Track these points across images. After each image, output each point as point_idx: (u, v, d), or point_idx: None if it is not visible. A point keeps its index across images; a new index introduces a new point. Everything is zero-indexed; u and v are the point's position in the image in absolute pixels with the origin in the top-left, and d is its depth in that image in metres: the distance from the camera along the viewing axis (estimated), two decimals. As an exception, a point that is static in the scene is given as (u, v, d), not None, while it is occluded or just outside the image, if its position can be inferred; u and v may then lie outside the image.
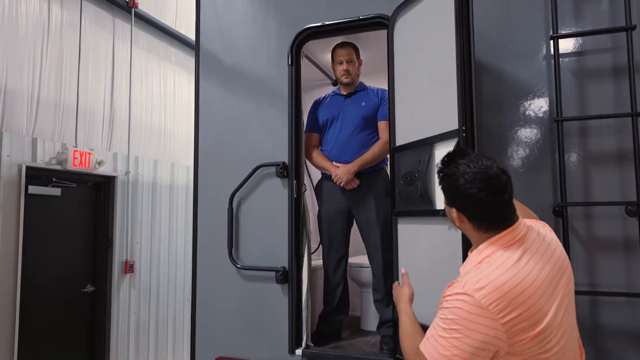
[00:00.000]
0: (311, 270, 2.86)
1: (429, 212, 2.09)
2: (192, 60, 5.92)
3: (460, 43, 1.99)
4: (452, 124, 2.01)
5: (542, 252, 1.46)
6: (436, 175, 1.57)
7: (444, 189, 1.55)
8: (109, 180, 4.59)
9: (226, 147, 2.96)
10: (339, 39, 3.20)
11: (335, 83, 3.99)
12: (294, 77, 2.83)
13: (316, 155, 3.10)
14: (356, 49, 3.11)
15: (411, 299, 1.75)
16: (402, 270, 1.87)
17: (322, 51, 3.70)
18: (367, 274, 3.19)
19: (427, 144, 2.15)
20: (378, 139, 3.00)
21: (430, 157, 2.11)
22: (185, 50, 5.88)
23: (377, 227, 2.89)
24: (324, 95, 3.25)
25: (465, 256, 1.83)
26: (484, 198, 1.42)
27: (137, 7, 5.04)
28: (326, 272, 3.04)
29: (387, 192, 2.88)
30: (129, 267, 4.62)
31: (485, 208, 1.44)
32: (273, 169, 2.80)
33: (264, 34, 2.96)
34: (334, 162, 3.01)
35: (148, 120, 5.30)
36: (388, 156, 2.75)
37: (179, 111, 5.74)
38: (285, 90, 2.84)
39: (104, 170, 4.47)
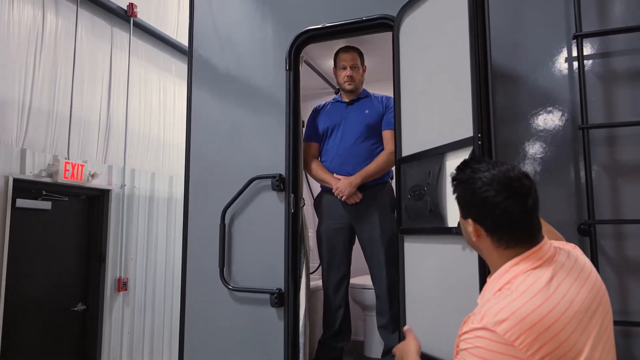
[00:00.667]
0: (310, 292, 2.63)
1: (439, 229, 1.86)
2: (193, 71, 5.71)
3: (475, 40, 1.78)
4: (466, 131, 1.79)
5: (574, 276, 1.22)
6: (448, 187, 1.35)
7: (458, 198, 1.33)
8: (103, 194, 4.40)
9: (219, 158, 2.76)
10: (340, 43, 3.00)
11: (338, 91, 3.80)
12: (292, 83, 2.63)
13: (315, 166, 2.88)
14: (361, 54, 2.92)
15: (419, 352, 1.50)
16: (405, 327, 1.63)
17: (323, 56, 3.51)
18: (370, 296, 2.96)
19: (438, 154, 1.93)
20: (382, 149, 2.78)
21: (441, 168, 1.89)
22: (185, 60, 5.72)
23: (382, 245, 2.66)
24: (324, 103, 3.05)
25: (483, 282, 1.59)
26: (503, 203, 1.20)
27: (136, 16, 4.90)
28: (326, 293, 2.81)
29: (392, 207, 2.66)
30: (122, 285, 4.40)
31: (506, 216, 1.22)
32: (269, 182, 2.59)
33: (261, 38, 2.77)
34: (334, 174, 2.79)
35: (146, 132, 5.12)
36: (393, 168, 2.54)
37: (179, 123, 5.56)
38: (283, 98, 2.64)
39: (98, 183, 4.28)
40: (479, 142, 1.71)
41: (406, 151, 2.19)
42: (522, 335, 1.08)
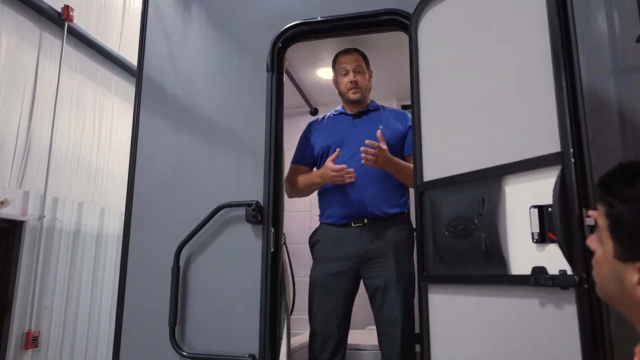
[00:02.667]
0: (292, 358, 2.01)
1: (504, 278, 1.34)
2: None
3: (561, 34, 1.34)
4: (542, 146, 1.32)
5: None
6: (511, 221, 0.86)
7: (618, 228, 0.83)
8: (14, 226, 3.57)
9: (174, 184, 2.14)
10: (331, 48, 2.51)
11: (315, 112, 3.29)
12: (274, 87, 2.09)
13: (301, 177, 2.32)
14: (364, 57, 2.41)
15: None
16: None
17: (301, 64, 2.98)
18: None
19: (489, 177, 1.43)
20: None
21: (500, 194, 1.39)
22: (128, 78, 5.06)
23: (399, 294, 2.08)
24: (320, 117, 2.49)
25: (593, 354, 1.07)
26: None
27: (71, 20, 4.21)
28: None
29: (411, 246, 2.12)
30: (31, 341, 3.52)
31: None
32: (241, 211, 2.00)
33: (235, 31, 2.23)
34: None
35: (75, 156, 4.35)
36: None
37: (116, 147, 4.83)
38: (260, 108, 2.09)
39: (9, 212, 3.46)
40: (572, 160, 1.23)
41: (432, 175, 1.68)
42: None
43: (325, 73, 3.06)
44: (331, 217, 2.24)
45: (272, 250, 1.94)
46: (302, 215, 3.48)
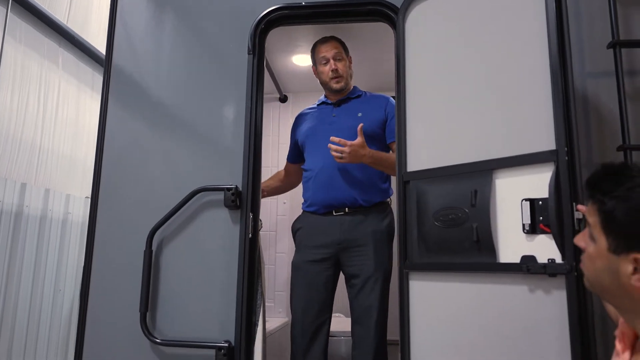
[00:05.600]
0: (266, 345, 1.99)
1: (494, 266, 1.39)
2: (84, 67, 4.77)
3: (557, 30, 1.39)
4: (536, 143, 1.38)
5: None
6: (500, 212, 0.97)
7: (611, 223, 0.90)
8: (-51, 206, 3.30)
9: (147, 170, 2.06)
10: (310, 35, 2.49)
11: (284, 99, 3.25)
12: (255, 71, 2.05)
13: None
14: (343, 44, 2.39)
15: None
16: None
17: (277, 50, 2.93)
18: (341, 346, 2.38)
19: (482, 170, 1.48)
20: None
21: (492, 187, 1.44)
22: (77, 54, 4.78)
23: (377, 283, 2.12)
24: (306, 109, 2.47)
25: (585, 342, 1.14)
26: None
27: (17, -14, 3.92)
28: (296, 348, 2.17)
29: (391, 236, 2.15)
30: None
31: None
32: (219, 196, 1.95)
33: (214, 16, 2.16)
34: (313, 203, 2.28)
35: (18, 134, 4.06)
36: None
37: (62, 125, 4.56)
38: (238, 92, 2.05)
39: (-57, 191, 3.20)
40: (566, 157, 1.29)
41: (417, 165, 1.71)
42: None
43: (300, 60, 3.03)
44: (313, 205, 2.24)
45: (250, 235, 1.91)
46: (269, 201, 3.44)
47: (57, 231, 4.26)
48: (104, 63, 2.24)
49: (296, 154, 2.41)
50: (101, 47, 4.91)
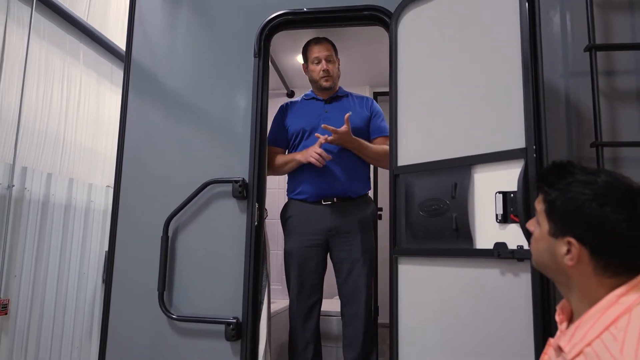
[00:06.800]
0: (270, 322, 2.19)
1: (471, 251, 1.57)
2: (104, 61, 4.97)
3: (530, 38, 1.54)
4: (508, 141, 1.54)
5: None
6: (478, 203, 1.10)
7: (552, 211, 1.05)
8: (-17, 195, 3.55)
9: (163, 163, 2.26)
10: (309, 36, 2.65)
11: (291, 94, 3.43)
12: (260, 72, 2.22)
13: (279, 157, 2.50)
14: (334, 46, 2.57)
15: None
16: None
17: (283, 50, 3.11)
18: (332, 325, 2.59)
19: (461, 166, 1.65)
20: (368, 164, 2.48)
21: (470, 181, 1.60)
22: (97, 48, 4.99)
23: (364, 266, 2.32)
24: (291, 100, 2.65)
25: (546, 318, 1.31)
26: (625, 222, 0.96)
27: (40, -13, 4.13)
28: (293, 326, 2.38)
29: (374, 223, 2.34)
30: (1, 308, 3.55)
31: (626, 238, 0.97)
32: (227, 187, 2.14)
33: (225, 20, 2.33)
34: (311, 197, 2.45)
35: (43, 127, 4.31)
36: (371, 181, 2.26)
37: (84, 117, 4.79)
38: (246, 91, 2.22)
39: (-22, 181, 3.45)
40: (534, 155, 1.45)
41: (406, 160, 1.88)
42: None
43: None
44: (303, 194, 2.43)
45: (255, 223, 2.10)
46: (276, 192, 3.65)
47: (80, 218, 4.53)
48: (124, 60, 2.43)
49: (285, 141, 2.56)
50: (119, 42, 5.14)
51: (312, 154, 2.31)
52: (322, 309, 2.73)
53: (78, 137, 4.62)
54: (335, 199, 2.39)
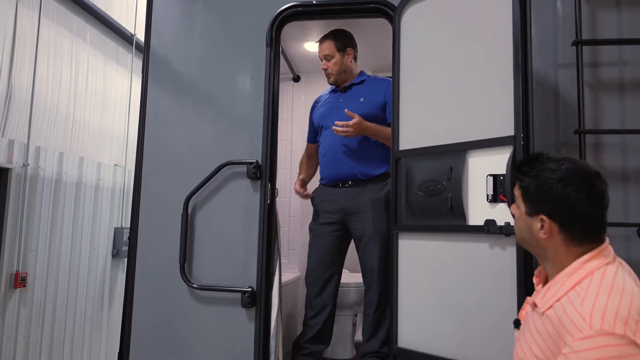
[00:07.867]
0: (282, 291, 2.40)
1: (464, 227, 1.77)
2: (110, 42, 5.08)
3: (522, 34, 1.71)
4: (499, 129, 1.74)
5: (629, 272, 1.21)
6: (471, 185, 1.32)
7: (527, 194, 1.26)
8: (1, 173, 3.71)
9: (181, 144, 2.43)
10: (321, 26, 2.81)
11: (297, 79, 3.60)
12: (272, 61, 2.38)
13: (302, 158, 2.87)
14: (337, 39, 2.72)
15: None
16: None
17: (292, 38, 3.26)
18: (347, 295, 2.84)
19: (458, 150, 1.83)
20: (382, 145, 2.62)
21: (465, 165, 1.79)
22: (103, 29, 5.09)
23: (376, 243, 2.54)
24: (320, 95, 2.85)
25: (526, 281, 1.52)
26: (585, 199, 1.17)
27: (48, -31, 4.22)
28: (310, 292, 2.65)
29: (387, 203, 2.53)
30: (20, 281, 3.75)
31: (586, 212, 1.18)
32: (242, 169, 2.32)
33: (238, 10, 2.47)
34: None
35: (54, 106, 4.44)
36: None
37: (92, 97, 4.93)
38: (259, 78, 2.39)
39: (-3, 159, 3.60)
40: (522, 142, 1.64)
41: (407, 145, 2.07)
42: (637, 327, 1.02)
43: (311, 47, 3.41)
44: (324, 179, 2.70)
45: (268, 202, 2.29)
46: (284, 172, 3.85)
47: (91, 195, 4.70)
48: (144, 49, 2.58)
49: (314, 135, 2.81)
50: (124, 23, 5.24)
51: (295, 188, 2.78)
52: (342, 280, 2.98)
53: (87, 116, 4.76)
54: (349, 182, 2.60)
